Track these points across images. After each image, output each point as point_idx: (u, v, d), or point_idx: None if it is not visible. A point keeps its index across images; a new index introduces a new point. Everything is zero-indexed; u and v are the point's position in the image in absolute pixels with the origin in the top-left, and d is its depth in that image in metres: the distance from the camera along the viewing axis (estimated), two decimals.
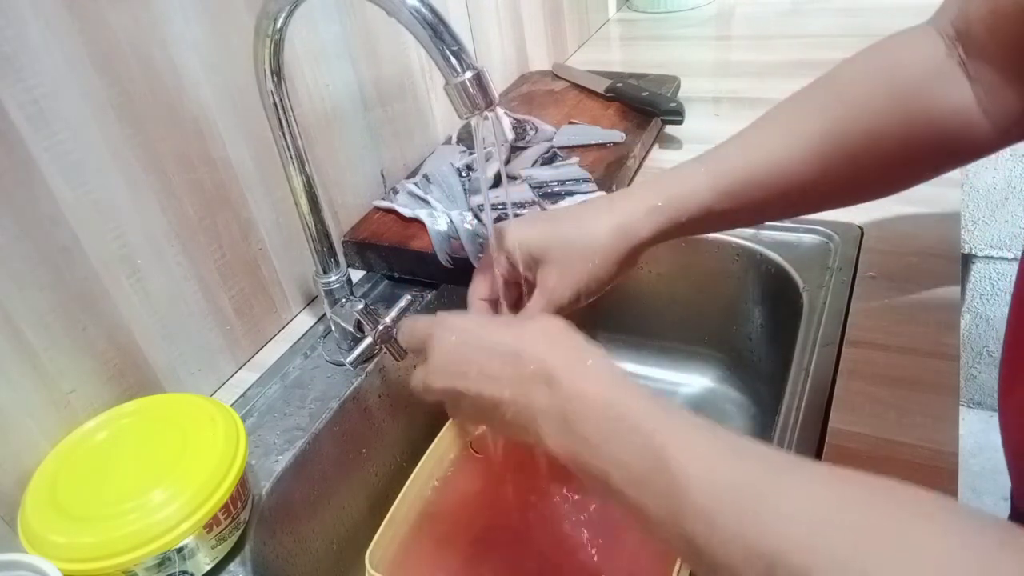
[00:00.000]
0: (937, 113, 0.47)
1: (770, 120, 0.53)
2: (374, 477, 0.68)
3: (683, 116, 0.90)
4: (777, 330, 0.75)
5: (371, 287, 0.76)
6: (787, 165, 0.50)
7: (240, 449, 0.51)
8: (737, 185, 0.51)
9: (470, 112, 0.43)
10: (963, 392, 1.65)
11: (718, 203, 0.51)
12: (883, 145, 0.48)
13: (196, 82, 0.59)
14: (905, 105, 0.47)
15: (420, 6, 0.42)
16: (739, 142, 0.53)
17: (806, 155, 0.50)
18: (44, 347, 0.51)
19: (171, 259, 0.60)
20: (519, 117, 0.93)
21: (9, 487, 0.50)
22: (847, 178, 0.50)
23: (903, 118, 0.47)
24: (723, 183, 0.51)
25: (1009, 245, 1.47)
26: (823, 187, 0.51)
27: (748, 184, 0.51)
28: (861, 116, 0.49)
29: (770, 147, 0.51)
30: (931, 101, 0.47)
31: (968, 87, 0.46)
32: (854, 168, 0.49)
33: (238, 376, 0.67)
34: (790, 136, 0.51)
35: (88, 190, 0.53)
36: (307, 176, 0.60)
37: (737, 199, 0.51)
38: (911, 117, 0.47)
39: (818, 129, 0.49)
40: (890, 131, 0.48)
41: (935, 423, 0.51)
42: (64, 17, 0.50)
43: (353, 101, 0.77)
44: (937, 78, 0.47)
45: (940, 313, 0.59)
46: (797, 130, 0.51)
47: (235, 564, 0.52)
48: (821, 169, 0.49)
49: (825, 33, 1.17)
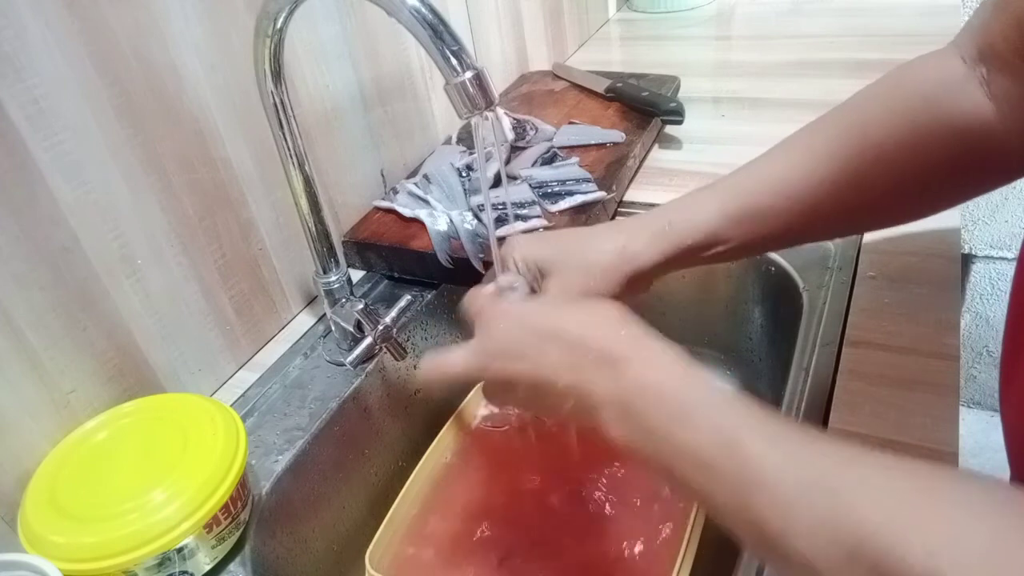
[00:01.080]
0: (953, 132, 0.45)
1: (782, 146, 0.52)
2: (374, 477, 0.68)
3: (683, 116, 0.90)
4: (777, 330, 0.75)
5: (371, 287, 0.76)
6: (795, 187, 0.49)
7: (240, 449, 0.51)
8: (745, 210, 0.50)
9: (470, 112, 0.43)
10: (963, 392, 1.65)
11: (725, 229, 0.50)
12: (896, 166, 0.46)
13: (196, 82, 0.59)
14: (917, 123, 0.45)
15: (420, 6, 0.42)
16: (749, 168, 0.52)
17: (814, 177, 0.48)
18: (44, 347, 0.51)
19: (171, 259, 0.60)
20: (519, 117, 0.93)
21: (9, 487, 0.50)
22: (858, 202, 0.49)
23: (916, 137, 0.46)
24: (731, 207, 0.50)
25: (1009, 245, 1.47)
26: (833, 211, 0.49)
27: (756, 208, 0.50)
28: (872, 137, 0.47)
29: (778, 171, 0.50)
30: (946, 120, 0.45)
31: (990, 106, 0.44)
32: (865, 191, 0.48)
33: (238, 376, 0.67)
34: (799, 159, 0.50)
35: (88, 190, 0.53)
36: (307, 176, 0.60)
37: (744, 225, 0.50)
38: (924, 136, 0.45)
39: (827, 151, 0.48)
40: (903, 151, 0.46)
41: (935, 423, 0.51)
42: (64, 17, 0.50)
43: (353, 101, 0.77)
44: (952, 97, 0.45)
45: (940, 313, 0.59)
46: (807, 153, 0.50)
47: (235, 564, 0.52)
48: (831, 192, 0.48)
49: (825, 33, 1.17)
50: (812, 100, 0.97)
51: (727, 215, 0.50)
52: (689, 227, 0.51)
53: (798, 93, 0.99)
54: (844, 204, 0.49)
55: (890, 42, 1.07)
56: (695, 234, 0.51)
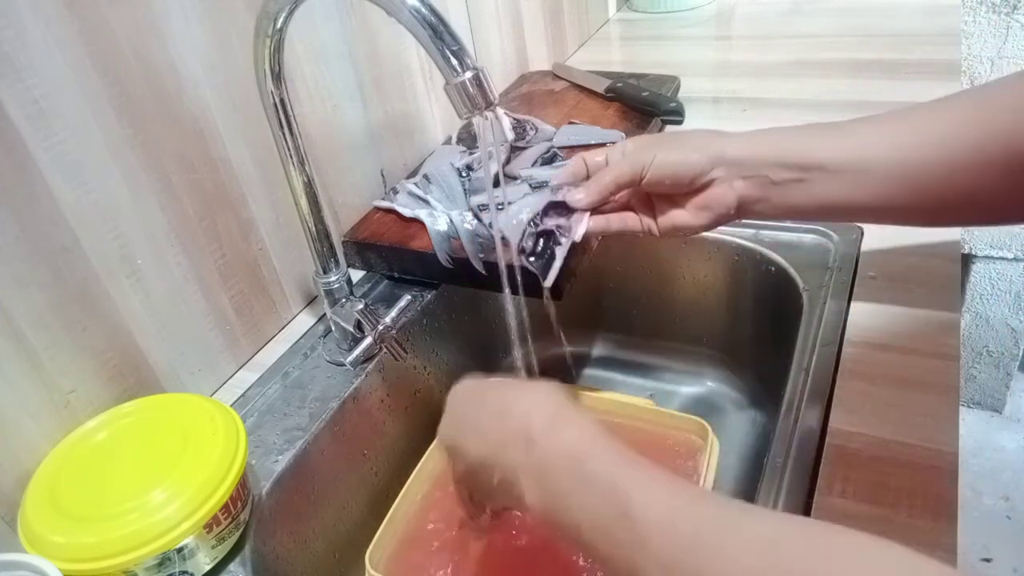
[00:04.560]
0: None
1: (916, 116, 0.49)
2: (374, 477, 0.68)
3: (683, 116, 0.90)
4: (777, 330, 0.75)
5: (371, 287, 0.76)
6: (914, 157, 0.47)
7: (240, 449, 0.51)
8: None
9: (470, 112, 0.43)
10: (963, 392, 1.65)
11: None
12: (1019, 162, 0.43)
13: (196, 82, 0.59)
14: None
15: (420, 6, 0.42)
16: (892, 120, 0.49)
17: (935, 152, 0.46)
18: (44, 347, 0.51)
19: (171, 259, 0.60)
20: (519, 117, 0.93)
21: (9, 487, 0.50)
22: (973, 192, 0.46)
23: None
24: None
25: (1009, 245, 1.47)
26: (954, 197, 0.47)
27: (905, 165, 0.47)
28: (1004, 130, 0.44)
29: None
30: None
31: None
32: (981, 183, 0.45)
33: (238, 376, 0.67)
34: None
35: (88, 190, 0.53)
36: (307, 176, 0.60)
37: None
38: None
39: (954, 129, 0.46)
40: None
41: (935, 423, 0.51)
42: (64, 17, 0.50)
43: (353, 101, 0.77)
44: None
45: (940, 313, 0.59)
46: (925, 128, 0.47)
47: (235, 564, 0.52)
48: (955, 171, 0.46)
49: (825, 33, 1.17)
50: (812, 100, 0.97)
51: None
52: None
53: (798, 93, 0.99)
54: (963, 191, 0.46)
55: (890, 42, 1.07)
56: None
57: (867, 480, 0.48)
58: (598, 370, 0.92)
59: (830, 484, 0.48)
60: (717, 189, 0.53)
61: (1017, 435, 1.58)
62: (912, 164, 0.47)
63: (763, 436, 0.78)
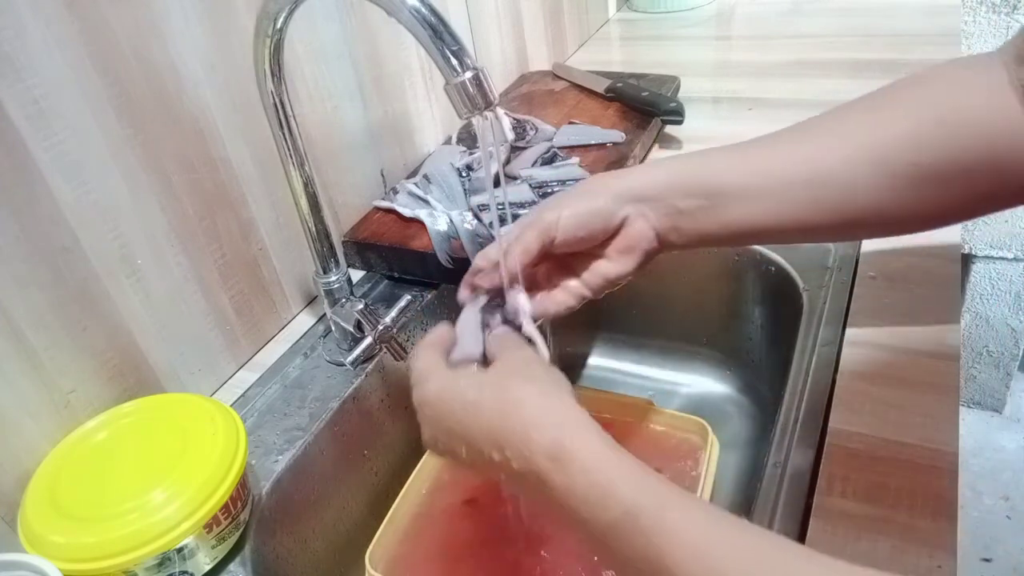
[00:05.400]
0: (992, 145, 0.42)
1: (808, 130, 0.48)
2: (374, 477, 0.68)
3: (683, 116, 0.90)
4: (777, 330, 0.75)
5: (371, 287, 0.76)
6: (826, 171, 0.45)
7: (240, 449, 0.51)
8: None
9: (470, 112, 0.43)
10: (963, 392, 1.65)
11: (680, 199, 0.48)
12: (925, 174, 0.43)
13: (196, 82, 0.59)
14: (955, 134, 0.42)
15: (420, 6, 0.42)
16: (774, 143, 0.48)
17: (839, 166, 0.45)
18: (44, 347, 0.51)
19: (171, 259, 0.60)
20: (519, 117, 0.93)
21: (9, 487, 0.50)
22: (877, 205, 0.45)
23: (951, 150, 0.42)
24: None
25: (1009, 245, 1.47)
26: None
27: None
28: (905, 143, 0.43)
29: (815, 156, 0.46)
30: (987, 132, 0.42)
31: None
32: (889, 194, 0.44)
33: (238, 376, 0.67)
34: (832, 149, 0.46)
35: (88, 190, 0.53)
36: (307, 176, 0.60)
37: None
38: (961, 148, 0.42)
39: (854, 144, 0.45)
40: (937, 162, 0.43)
41: (935, 423, 0.50)
42: (64, 17, 0.50)
43: (353, 101, 0.77)
44: (994, 107, 0.42)
45: (940, 313, 0.59)
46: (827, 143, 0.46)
47: (235, 564, 0.52)
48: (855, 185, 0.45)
49: (825, 33, 1.17)
50: (812, 100, 0.97)
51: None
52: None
53: (798, 93, 0.99)
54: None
55: (890, 42, 1.07)
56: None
57: (867, 480, 0.48)
58: (598, 370, 0.92)
59: (830, 484, 0.48)
60: (634, 226, 0.49)
61: (1017, 435, 1.58)
62: (815, 183, 0.45)
63: (763, 436, 0.78)
